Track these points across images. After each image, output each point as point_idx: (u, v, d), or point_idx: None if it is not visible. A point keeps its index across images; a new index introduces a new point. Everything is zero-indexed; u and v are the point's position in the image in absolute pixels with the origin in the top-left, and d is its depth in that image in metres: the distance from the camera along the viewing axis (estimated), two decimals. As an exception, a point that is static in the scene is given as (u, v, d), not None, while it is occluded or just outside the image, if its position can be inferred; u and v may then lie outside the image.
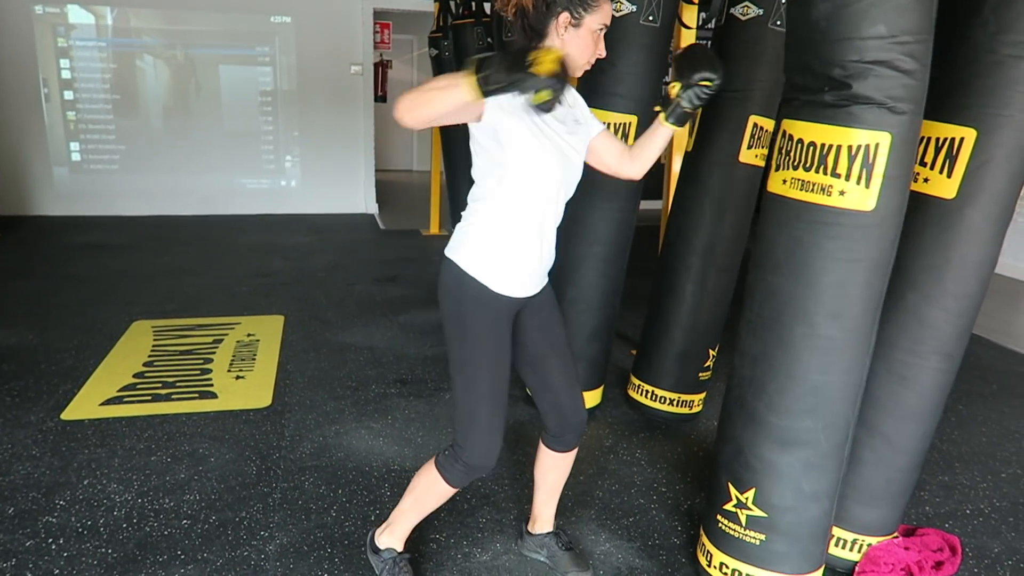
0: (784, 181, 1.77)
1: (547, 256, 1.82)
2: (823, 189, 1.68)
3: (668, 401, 3.04)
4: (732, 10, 2.74)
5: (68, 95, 6.81)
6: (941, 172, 1.89)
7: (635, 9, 2.62)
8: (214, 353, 3.70)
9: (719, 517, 2.00)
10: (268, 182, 7.43)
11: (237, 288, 4.87)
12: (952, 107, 1.87)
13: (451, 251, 1.77)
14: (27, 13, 6.50)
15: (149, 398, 3.18)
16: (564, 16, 1.63)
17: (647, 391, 3.08)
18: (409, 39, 10.10)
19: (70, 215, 6.91)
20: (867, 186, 1.64)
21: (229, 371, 3.49)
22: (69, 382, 3.31)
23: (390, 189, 8.77)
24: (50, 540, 2.21)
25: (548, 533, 2.17)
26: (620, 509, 2.49)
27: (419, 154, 10.76)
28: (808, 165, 1.70)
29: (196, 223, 6.84)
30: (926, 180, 1.92)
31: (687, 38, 3.26)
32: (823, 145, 1.66)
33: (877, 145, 1.61)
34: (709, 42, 2.88)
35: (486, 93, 1.41)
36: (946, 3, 1.93)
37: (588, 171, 2.82)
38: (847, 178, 1.64)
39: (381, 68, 7.92)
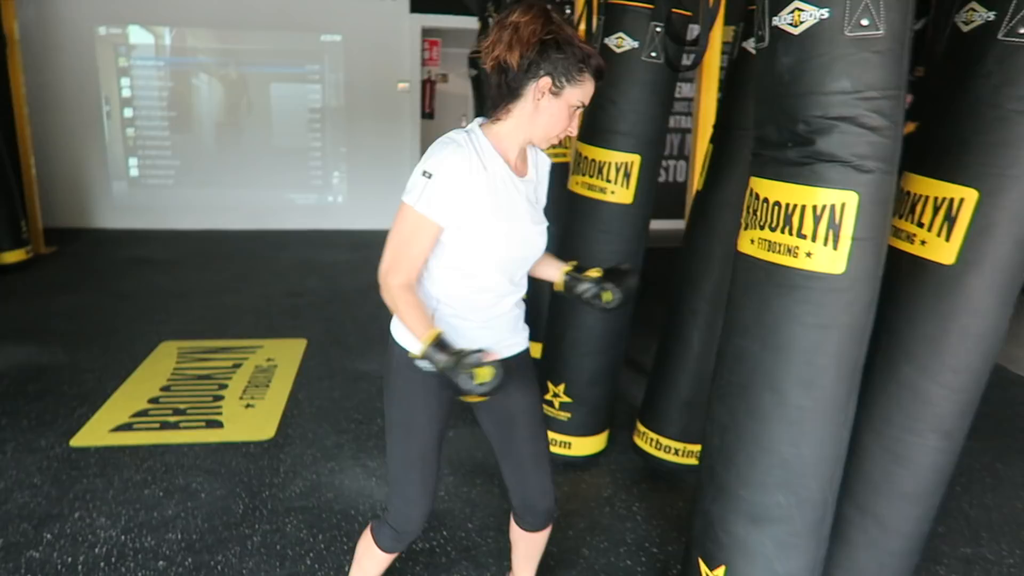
0: (752, 241, 1.66)
1: (510, 321, 1.73)
2: (789, 250, 1.56)
3: (673, 451, 2.90)
4: (744, 44, 2.60)
5: (128, 112, 7.07)
6: (939, 235, 1.72)
7: (637, 45, 2.51)
8: (231, 379, 3.74)
9: (691, 596, 1.88)
10: (315, 197, 7.54)
11: (268, 308, 4.93)
12: (951, 165, 1.70)
13: (392, 323, 1.71)
14: (90, 33, 6.77)
15: (158, 426, 3.23)
16: (545, 81, 1.54)
17: (652, 439, 2.95)
18: (464, 52, 10.12)
19: (126, 228, 7.15)
20: (835, 247, 1.52)
21: (241, 398, 3.52)
22: (86, 405, 3.38)
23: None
24: (28, 577, 2.24)
25: None
26: (604, 570, 2.37)
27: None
28: (774, 225, 1.59)
29: (243, 237, 6.98)
30: (923, 243, 1.76)
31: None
32: (788, 205, 1.56)
33: (844, 205, 1.50)
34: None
35: (426, 359, 1.51)
36: (944, 53, 1.77)
37: (589, 207, 2.73)
38: (813, 239, 1.53)
39: (429, 85, 7.94)
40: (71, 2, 6.64)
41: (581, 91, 1.56)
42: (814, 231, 1.52)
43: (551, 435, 2.95)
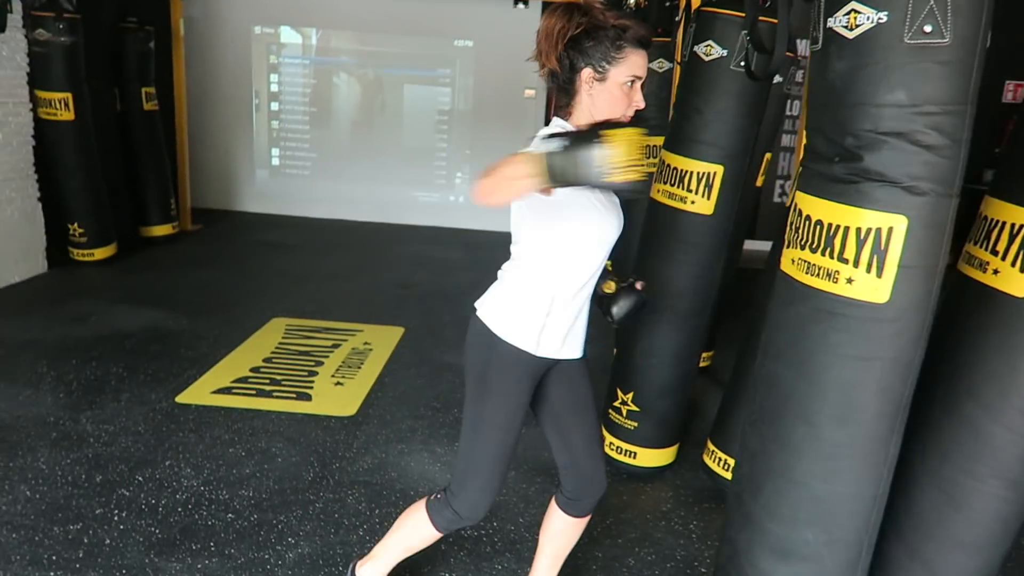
0: (792, 261, 1.58)
1: (588, 317, 1.78)
2: (829, 275, 1.47)
3: (740, 473, 2.81)
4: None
5: (274, 106, 7.60)
6: (1014, 265, 1.59)
7: (725, 54, 2.46)
8: (327, 357, 3.96)
9: (717, 623, 1.82)
10: (438, 196, 7.80)
11: (375, 296, 5.16)
12: (1032, 189, 1.57)
13: (483, 309, 1.76)
14: (247, 32, 7.35)
15: (254, 392, 3.47)
16: (587, 72, 1.58)
17: (721, 459, 2.86)
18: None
19: (265, 213, 7.68)
20: (879, 275, 1.41)
21: (332, 376, 3.71)
22: (196, 368, 3.69)
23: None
24: (116, 511, 2.48)
25: None
26: (646, 583, 2.34)
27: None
28: (815, 246, 1.50)
29: (366, 229, 7.33)
30: (996, 272, 1.63)
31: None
32: (830, 225, 1.46)
33: (891, 229, 1.38)
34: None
35: (556, 185, 1.38)
36: None
37: (669, 216, 2.69)
38: (855, 264, 1.43)
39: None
40: (232, 3, 7.23)
41: (627, 67, 1.57)
42: (856, 256, 1.42)
43: (616, 442, 2.93)
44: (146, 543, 2.33)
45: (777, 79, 3.61)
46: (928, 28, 1.31)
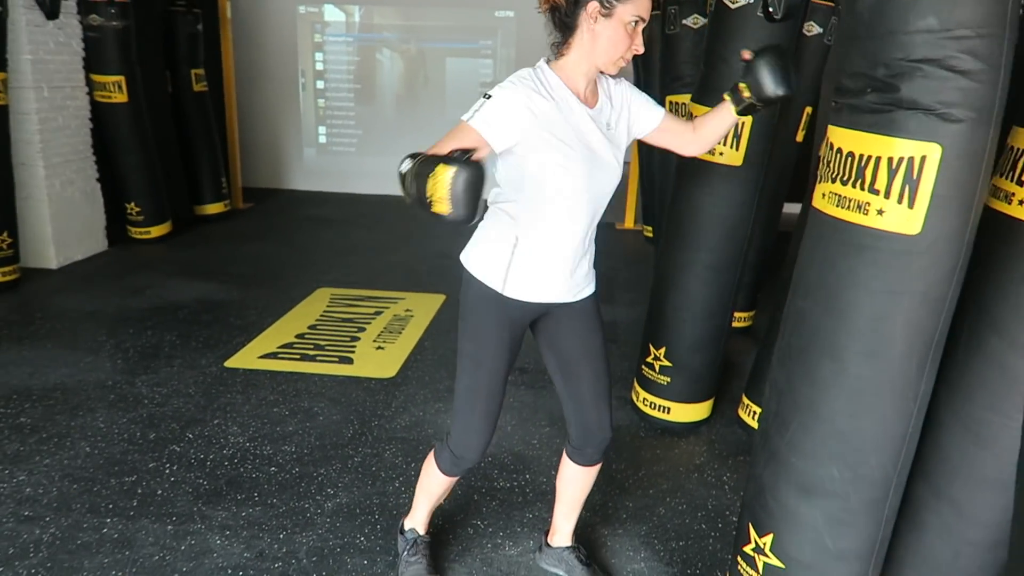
0: (823, 195, 1.56)
1: (579, 265, 1.77)
2: (860, 206, 1.44)
3: (775, 427, 2.79)
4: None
5: (320, 84, 7.73)
6: (1038, 195, 1.54)
7: (752, 0, 2.42)
8: (370, 323, 4.05)
9: (739, 559, 1.83)
10: (482, 169, 7.82)
11: (418, 266, 5.24)
12: (1059, 116, 1.51)
13: (465, 255, 1.81)
14: (292, 12, 7.47)
15: (299, 357, 3.58)
16: (593, 5, 1.56)
17: (754, 412, 2.85)
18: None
19: (313, 190, 7.84)
20: (911, 206, 1.38)
21: (374, 341, 3.81)
22: (244, 335, 3.82)
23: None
24: (167, 465, 2.61)
25: (567, 547, 2.12)
26: (676, 531, 2.36)
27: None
28: (845, 178, 1.47)
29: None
30: (1021, 202, 1.58)
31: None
32: (861, 156, 1.43)
33: (924, 158, 1.35)
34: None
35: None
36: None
37: (697, 169, 2.67)
38: (887, 195, 1.40)
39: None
40: (278, -17, 7.35)
41: (633, 6, 1.56)
42: (888, 186, 1.39)
43: (650, 397, 2.95)
44: (194, 493, 2.45)
45: (817, 29, 3.53)
46: None
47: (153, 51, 5.68)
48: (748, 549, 1.79)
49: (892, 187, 1.40)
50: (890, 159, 1.39)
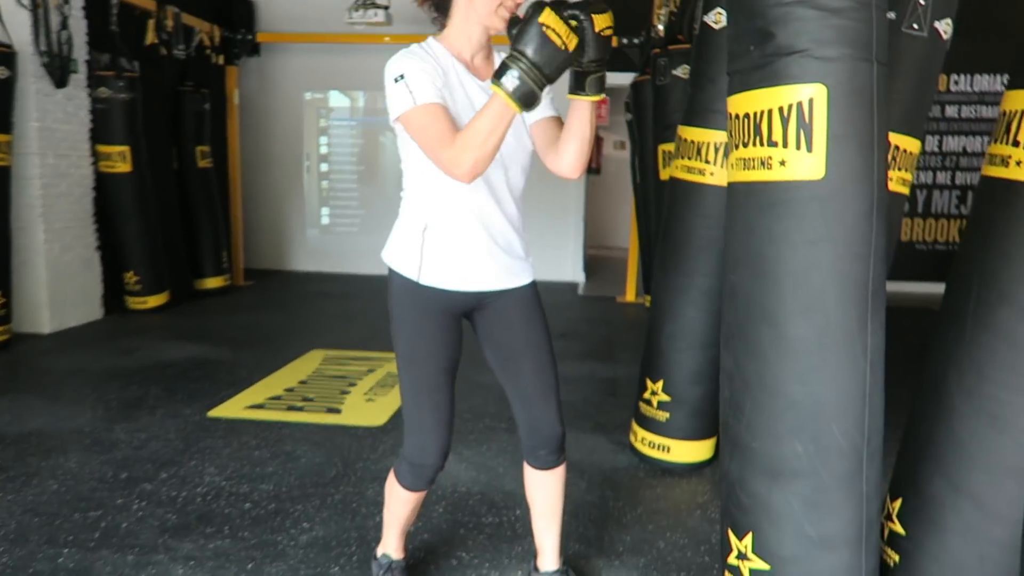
0: (732, 165, 1.55)
1: (503, 247, 1.68)
2: (763, 163, 1.43)
3: (782, 462, 2.63)
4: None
5: (324, 167, 7.88)
6: (1035, 153, 1.49)
7: (734, 20, 2.45)
8: (361, 379, 3.94)
9: (726, 573, 1.67)
10: (483, 247, 7.86)
11: (416, 332, 5.15)
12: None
13: (384, 252, 1.74)
14: (298, 98, 7.70)
15: (286, 407, 3.46)
16: None
17: (760, 449, 2.70)
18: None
19: (315, 271, 7.85)
20: (810, 150, 1.37)
21: (365, 394, 3.69)
22: (232, 389, 3.71)
23: (601, 263, 8.81)
24: (136, 501, 2.46)
25: (555, 571, 1.94)
26: (675, 563, 2.17)
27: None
28: (746, 140, 1.46)
29: (414, 281, 7.41)
30: (1019, 163, 1.52)
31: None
32: (755, 114, 1.43)
33: (811, 101, 1.35)
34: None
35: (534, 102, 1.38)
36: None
37: (689, 191, 2.63)
38: (784, 144, 1.39)
39: (596, 142, 8.15)
40: (286, 72, 7.61)
41: None
42: (784, 135, 1.39)
43: (648, 436, 2.80)
44: (161, 527, 2.30)
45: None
46: None
47: (160, 126, 5.82)
48: (732, 559, 1.63)
49: (788, 135, 1.40)
50: (780, 108, 1.40)
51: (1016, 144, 1.53)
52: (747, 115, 1.45)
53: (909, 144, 2.37)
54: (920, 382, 1.75)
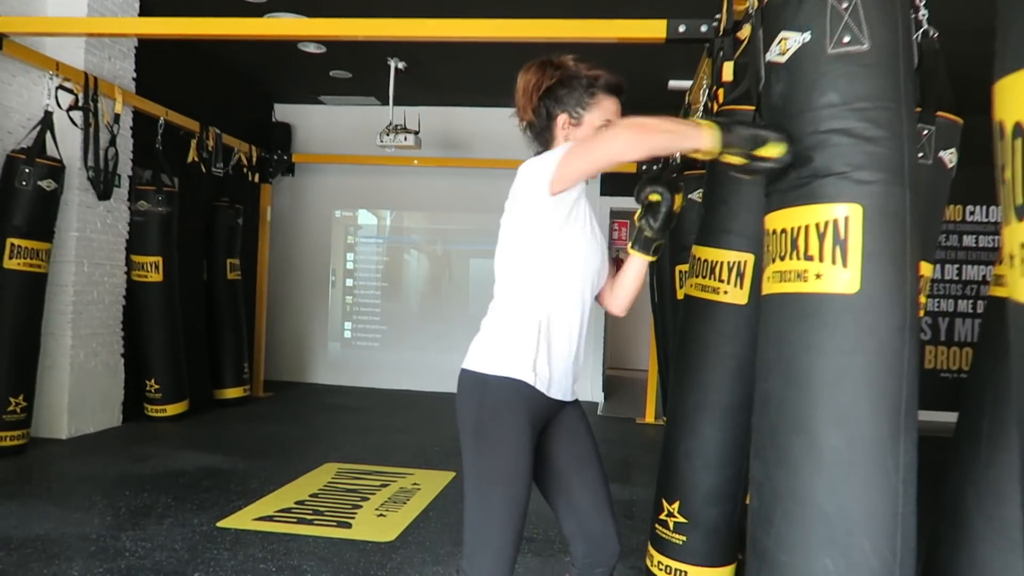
0: (767, 279, 1.62)
1: (581, 357, 1.75)
2: (799, 275, 1.50)
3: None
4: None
5: (349, 282, 8.06)
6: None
7: (745, 146, 2.55)
8: (374, 494, 3.87)
9: None
10: (503, 364, 7.86)
11: (431, 446, 5.10)
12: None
13: (469, 359, 1.71)
14: (328, 215, 7.99)
15: (295, 520, 3.39)
16: (563, 118, 1.69)
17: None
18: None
19: (335, 384, 7.88)
20: (845, 265, 1.44)
21: (376, 509, 3.62)
22: (243, 500, 3.66)
23: (622, 383, 8.76)
24: (134, 612, 2.39)
25: None
26: None
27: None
28: (783, 254, 1.54)
29: (433, 397, 7.36)
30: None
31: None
32: (793, 229, 1.51)
33: (847, 218, 1.44)
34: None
35: (725, 145, 1.50)
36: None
37: (704, 309, 2.66)
38: (821, 259, 1.46)
39: (616, 263, 8.29)
40: (318, 190, 7.93)
41: (600, 111, 1.66)
42: (820, 250, 1.46)
43: (665, 561, 2.70)
44: (158, 641, 2.22)
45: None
46: (847, 39, 1.47)
47: (194, 238, 6.04)
48: None
49: (824, 250, 1.46)
50: (817, 224, 1.47)
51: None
52: (784, 231, 1.54)
53: (922, 268, 2.40)
54: (940, 505, 1.71)
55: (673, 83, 6.33)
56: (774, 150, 1.53)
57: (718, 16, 3.29)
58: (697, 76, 4.23)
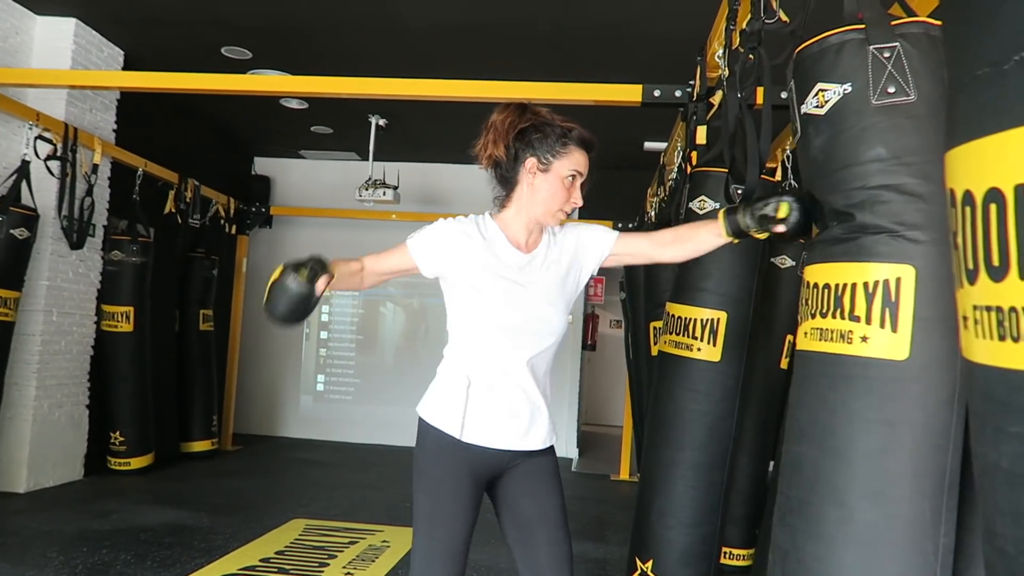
0: (805, 334, 1.54)
1: (531, 412, 1.73)
2: (843, 336, 1.41)
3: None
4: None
5: (324, 335, 8.00)
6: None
7: (717, 206, 2.61)
8: (342, 552, 3.78)
9: None
10: (477, 420, 7.79)
11: (403, 503, 5.01)
12: None
13: (420, 404, 1.79)
14: (305, 268, 7.96)
15: (259, 579, 3.30)
16: (532, 161, 1.70)
17: (756, 640, 2.55)
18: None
19: (306, 438, 7.74)
20: (894, 330, 1.35)
21: (344, 567, 3.53)
22: (207, 557, 3.56)
23: (597, 439, 8.72)
24: (87, 677, 2.29)
25: None
26: None
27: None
28: (825, 311, 1.46)
29: (407, 452, 7.27)
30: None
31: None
32: (837, 285, 1.43)
33: (899, 280, 1.35)
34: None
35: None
36: None
37: (677, 365, 2.67)
38: (868, 321, 1.37)
39: (592, 319, 8.33)
40: (296, 243, 7.90)
41: (569, 161, 1.69)
42: (868, 311, 1.37)
43: (638, 622, 2.65)
44: None
45: (790, 263, 3.74)
46: (892, 89, 1.39)
47: (167, 289, 5.99)
48: None
49: (872, 312, 1.38)
50: (865, 284, 1.39)
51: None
52: (827, 286, 1.45)
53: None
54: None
55: (648, 144, 6.48)
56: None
57: (692, 82, 3.41)
58: (672, 138, 4.34)
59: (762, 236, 1.66)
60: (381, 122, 6.39)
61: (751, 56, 2.23)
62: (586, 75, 4.23)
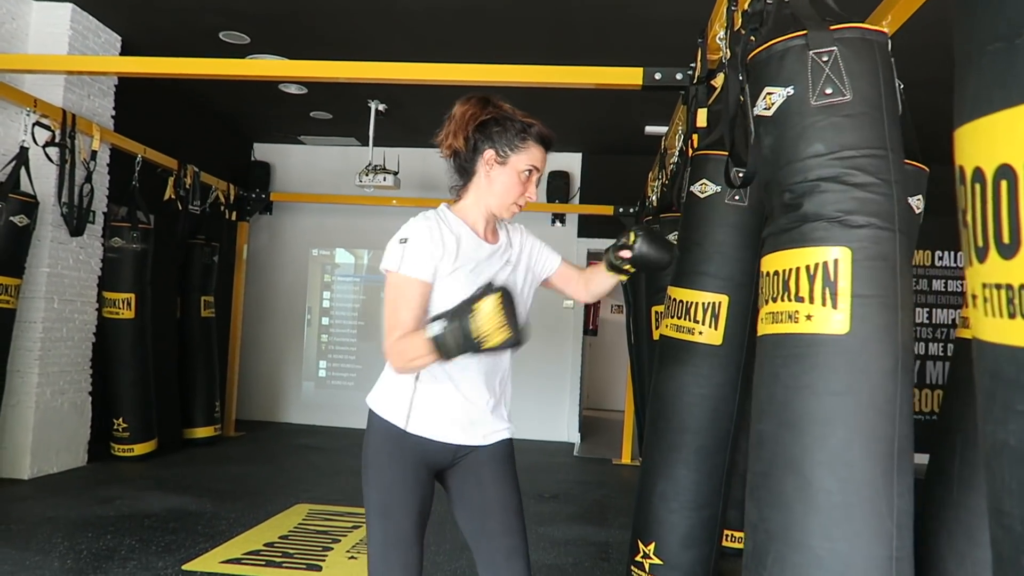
0: (762, 320, 1.64)
1: (490, 405, 1.73)
2: (790, 316, 1.52)
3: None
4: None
5: (325, 321, 8.01)
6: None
7: (719, 189, 2.60)
8: (345, 536, 3.80)
9: None
10: (478, 405, 7.81)
11: (405, 489, 5.02)
12: None
13: (369, 396, 1.80)
14: (305, 254, 7.97)
15: (263, 563, 3.32)
16: (490, 153, 1.70)
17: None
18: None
19: (308, 424, 7.77)
20: (835, 307, 1.46)
21: (348, 551, 3.55)
22: (211, 542, 3.57)
23: (599, 424, 8.74)
24: (94, 660, 2.31)
25: None
26: None
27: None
28: (775, 296, 1.57)
29: (406, 437, 7.30)
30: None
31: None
32: (784, 271, 1.55)
33: (836, 261, 1.47)
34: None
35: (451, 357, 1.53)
36: None
37: (678, 349, 2.68)
38: (811, 300, 1.49)
39: (592, 305, 8.33)
40: (296, 229, 7.93)
41: (527, 156, 1.69)
42: (810, 291, 1.49)
43: (641, 604, 2.67)
44: None
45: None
46: (829, 90, 1.52)
47: (168, 275, 5.99)
48: None
49: (814, 291, 1.50)
50: (808, 267, 1.51)
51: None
52: (776, 272, 1.57)
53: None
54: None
55: (650, 128, 6.46)
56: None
57: (693, 65, 3.39)
58: (672, 122, 4.32)
59: (626, 267, 1.79)
60: (381, 107, 6.36)
61: (753, 38, 2.21)
62: (587, 58, 4.21)
